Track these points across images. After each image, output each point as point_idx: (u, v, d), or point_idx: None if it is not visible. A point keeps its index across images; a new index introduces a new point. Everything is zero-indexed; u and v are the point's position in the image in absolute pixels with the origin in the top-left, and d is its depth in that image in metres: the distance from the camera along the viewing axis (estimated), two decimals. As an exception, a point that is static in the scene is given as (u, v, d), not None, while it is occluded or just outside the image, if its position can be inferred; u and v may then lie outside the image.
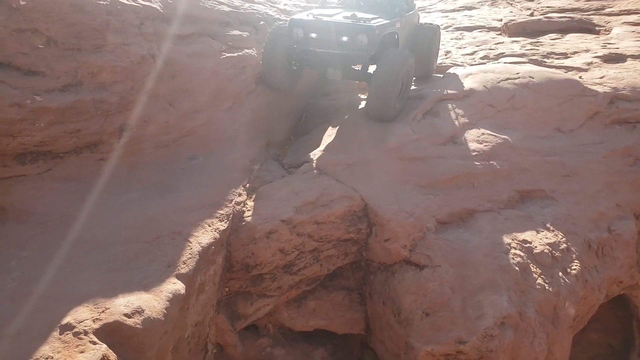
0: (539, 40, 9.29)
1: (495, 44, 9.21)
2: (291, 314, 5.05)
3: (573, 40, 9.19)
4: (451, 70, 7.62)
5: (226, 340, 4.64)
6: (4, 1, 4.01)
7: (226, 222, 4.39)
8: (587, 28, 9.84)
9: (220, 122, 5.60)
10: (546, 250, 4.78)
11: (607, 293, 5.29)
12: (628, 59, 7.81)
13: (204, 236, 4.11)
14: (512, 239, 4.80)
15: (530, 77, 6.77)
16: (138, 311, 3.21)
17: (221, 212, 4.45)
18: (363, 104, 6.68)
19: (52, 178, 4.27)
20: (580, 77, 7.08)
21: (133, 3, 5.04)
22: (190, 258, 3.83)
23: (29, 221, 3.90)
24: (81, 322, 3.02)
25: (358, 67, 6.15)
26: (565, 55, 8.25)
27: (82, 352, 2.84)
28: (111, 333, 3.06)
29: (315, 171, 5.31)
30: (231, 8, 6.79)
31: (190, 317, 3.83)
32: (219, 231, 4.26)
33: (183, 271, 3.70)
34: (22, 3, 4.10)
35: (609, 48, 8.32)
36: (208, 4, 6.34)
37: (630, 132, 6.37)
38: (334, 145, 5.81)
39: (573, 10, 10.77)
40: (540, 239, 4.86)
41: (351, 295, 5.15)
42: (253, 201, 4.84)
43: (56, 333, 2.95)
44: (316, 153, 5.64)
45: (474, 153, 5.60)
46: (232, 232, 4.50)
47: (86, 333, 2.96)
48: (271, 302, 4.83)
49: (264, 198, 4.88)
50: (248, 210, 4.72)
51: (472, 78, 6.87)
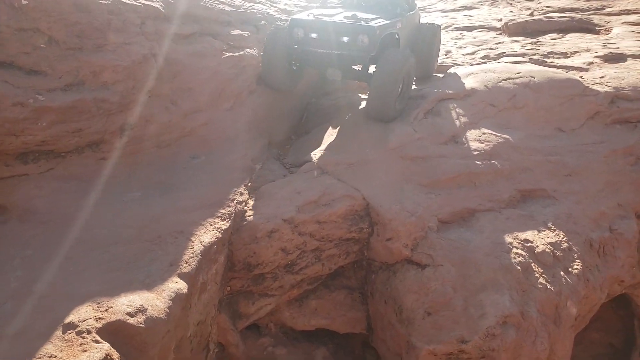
0: (539, 40, 9.28)
1: (495, 44, 9.20)
2: (293, 313, 5.05)
3: (573, 40, 9.19)
4: (452, 69, 7.61)
5: (228, 339, 4.64)
6: (6, 1, 4.01)
7: (228, 221, 4.39)
8: (587, 28, 9.84)
9: (221, 122, 5.60)
10: (548, 249, 4.78)
11: (609, 292, 5.29)
12: (628, 59, 7.81)
13: (206, 235, 4.11)
14: (514, 239, 4.80)
15: (531, 77, 6.77)
16: (141, 310, 3.21)
17: (223, 212, 4.45)
18: (364, 104, 6.67)
19: (54, 177, 4.27)
20: (581, 77, 7.08)
21: (134, 2, 5.04)
22: (192, 257, 3.84)
23: (32, 220, 3.90)
24: (84, 321, 3.02)
25: (358, 67, 6.14)
26: (565, 54, 8.25)
27: (85, 351, 2.84)
28: (114, 332, 3.06)
29: (316, 170, 5.30)
30: (232, 7, 6.79)
31: (192, 316, 3.83)
32: (221, 230, 4.26)
33: (185, 270, 3.71)
34: (24, 2, 4.09)
35: (610, 48, 8.31)
36: (209, 4, 6.33)
37: (631, 132, 6.37)
38: (335, 144, 5.81)
39: (573, 10, 10.77)
40: (541, 239, 4.86)
41: (353, 294, 5.15)
42: (255, 200, 4.84)
43: (59, 332, 2.95)
44: (317, 152, 5.63)
45: (475, 152, 5.60)
46: (234, 232, 4.49)
47: (89, 332, 2.96)
48: (273, 302, 4.84)
49: (266, 197, 4.88)
50: (250, 209, 4.72)
51: (473, 77, 6.86)
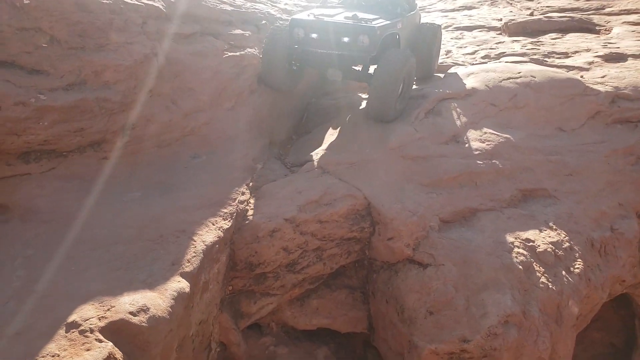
0: (540, 39, 9.30)
1: (496, 44, 9.22)
2: (294, 313, 5.06)
3: (574, 39, 9.20)
4: (452, 69, 7.62)
5: (230, 338, 4.64)
6: (8, 0, 4.01)
7: (230, 221, 4.39)
8: (588, 28, 9.86)
9: (222, 121, 5.59)
10: (549, 249, 4.78)
11: (610, 292, 5.29)
12: (629, 59, 7.82)
13: (208, 235, 4.11)
14: (515, 238, 4.81)
15: (532, 77, 6.78)
16: (143, 309, 3.21)
17: (225, 211, 4.45)
18: (364, 104, 6.67)
19: (56, 177, 4.27)
20: (581, 77, 7.09)
21: (136, 2, 5.04)
22: (194, 256, 3.84)
23: (34, 219, 3.89)
24: (87, 320, 3.02)
25: (359, 68, 6.13)
26: (566, 54, 8.26)
27: (89, 350, 2.84)
28: (117, 331, 3.06)
29: (318, 170, 5.31)
30: (233, 7, 6.79)
31: (194, 316, 3.83)
32: (223, 230, 4.26)
33: (187, 269, 3.70)
34: (26, 2, 4.09)
35: (610, 47, 8.33)
36: (210, 3, 6.34)
37: (631, 132, 6.37)
38: (336, 144, 5.81)
39: (573, 9, 10.79)
40: (543, 238, 4.87)
41: (354, 293, 5.16)
42: (256, 200, 4.84)
43: (62, 331, 2.95)
44: (318, 152, 5.63)
45: (477, 152, 5.61)
46: (236, 231, 4.50)
47: (92, 331, 2.96)
48: (274, 301, 4.84)
49: (267, 197, 4.88)
50: (251, 208, 4.71)
51: (474, 77, 6.87)
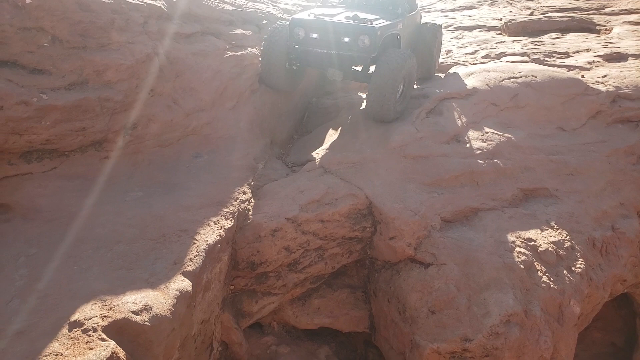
0: (540, 39, 9.31)
1: (496, 43, 9.23)
2: (296, 312, 5.06)
3: (574, 39, 9.21)
4: (453, 69, 7.63)
5: (231, 338, 4.64)
6: (10, 0, 4.02)
7: (232, 220, 4.39)
8: (588, 27, 9.87)
9: (224, 121, 5.60)
10: (551, 248, 4.79)
11: (611, 291, 5.30)
12: (629, 58, 7.83)
13: (210, 234, 4.11)
14: (517, 237, 4.81)
15: (533, 76, 6.78)
16: (146, 308, 3.21)
17: (226, 210, 4.45)
18: (364, 104, 6.67)
19: (58, 176, 4.27)
20: (582, 76, 7.10)
21: (137, 2, 5.04)
22: (196, 256, 3.84)
23: (36, 219, 3.89)
24: (90, 319, 3.02)
25: (359, 68, 6.12)
26: (566, 54, 8.27)
27: (92, 349, 2.84)
28: (119, 330, 3.06)
29: (319, 169, 5.31)
30: (234, 7, 6.80)
31: (196, 315, 3.83)
32: (225, 229, 4.26)
33: (189, 269, 3.70)
34: (28, 1, 4.09)
35: (610, 47, 8.34)
36: (211, 3, 6.34)
37: (632, 131, 6.39)
38: (338, 143, 5.81)
39: (573, 9, 10.81)
40: (544, 237, 4.87)
41: (356, 293, 5.16)
42: (258, 199, 4.84)
43: (65, 330, 2.95)
44: (320, 152, 5.64)
45: (478, 151, 5.61)
46: (238, 230, 4.50)
47: (95, 330, 2.97)
48: (276, 300, 4.84)
49: (269, 196, 4.88)
50: (253, 208, 4.72)
51: (475, 77, 6.88)
